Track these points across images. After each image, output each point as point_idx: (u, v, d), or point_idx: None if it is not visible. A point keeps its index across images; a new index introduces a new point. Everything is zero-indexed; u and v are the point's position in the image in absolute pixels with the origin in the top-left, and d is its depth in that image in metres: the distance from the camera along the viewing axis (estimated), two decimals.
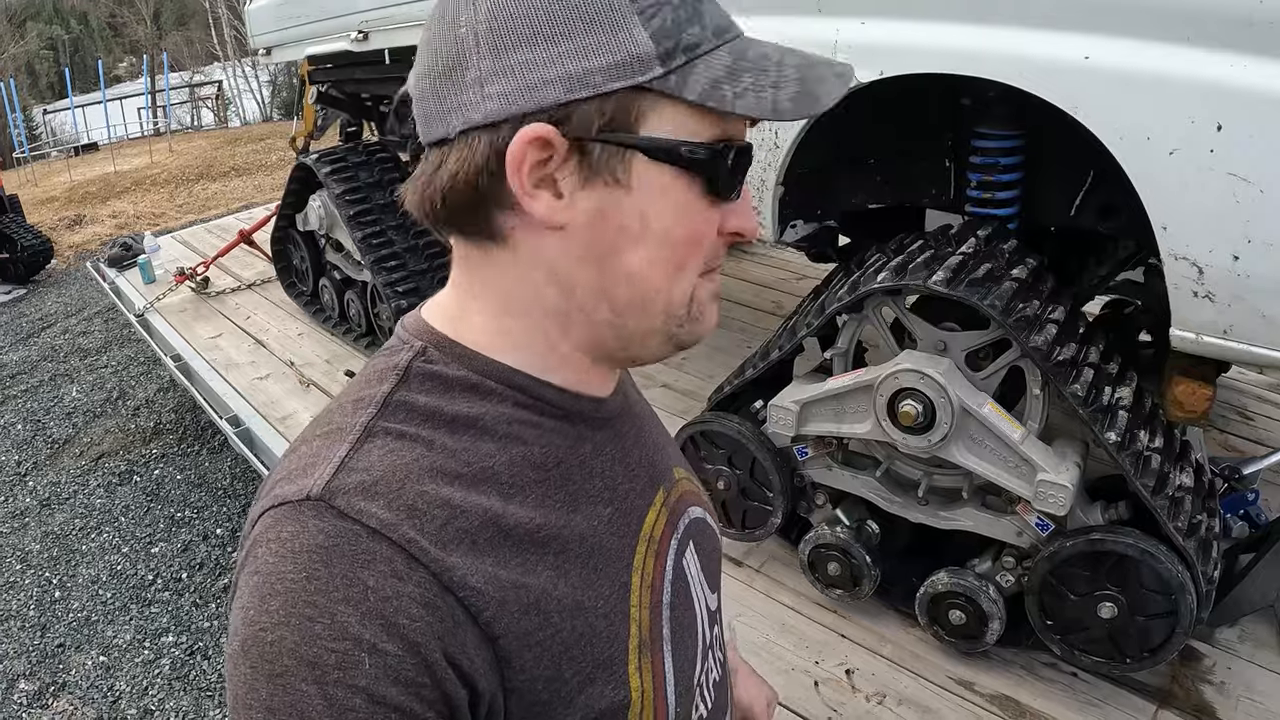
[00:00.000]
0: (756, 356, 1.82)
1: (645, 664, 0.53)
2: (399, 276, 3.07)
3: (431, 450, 0.48)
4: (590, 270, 0.50)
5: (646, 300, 0.51)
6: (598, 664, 0.50)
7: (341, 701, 0.41)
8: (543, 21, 0.46)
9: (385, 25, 2.95)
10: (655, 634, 0.55)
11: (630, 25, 0.46)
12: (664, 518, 0.61)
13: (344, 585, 0.42)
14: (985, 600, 1.54)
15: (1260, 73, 1.13)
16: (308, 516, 0.44)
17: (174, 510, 3.87)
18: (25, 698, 2.91)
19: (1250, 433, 2.46)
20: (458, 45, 0.47)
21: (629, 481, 0.59)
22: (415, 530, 0.45)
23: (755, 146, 1.69)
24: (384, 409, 0.50)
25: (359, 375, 0.55)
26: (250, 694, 0.42)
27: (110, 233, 8.62)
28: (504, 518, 0.48)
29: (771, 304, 3.46)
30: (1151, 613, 1.40)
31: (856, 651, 1.71)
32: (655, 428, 0.69)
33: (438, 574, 0.44)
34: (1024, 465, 1.43)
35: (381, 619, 0.42)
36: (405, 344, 0.54)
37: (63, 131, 18.38)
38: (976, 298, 1.38)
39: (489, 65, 0.47)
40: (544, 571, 0.49)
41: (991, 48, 1.33)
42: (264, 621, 0.43)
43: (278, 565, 0.43)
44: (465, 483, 0.48)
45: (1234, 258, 1.20)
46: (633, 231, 0.49)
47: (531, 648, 0.47)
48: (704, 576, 0.65)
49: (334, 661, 0.41)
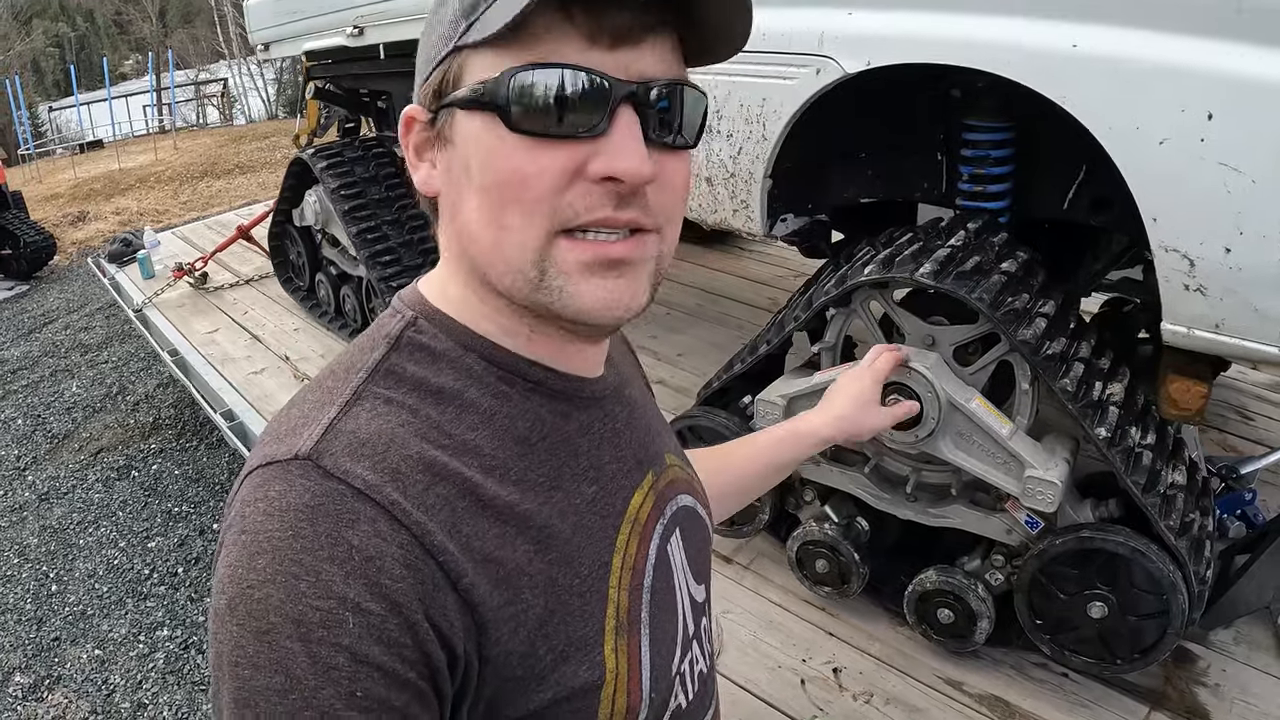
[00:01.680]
0: (745, 351, 1.80)
1: (621, 645, 0.53)
2: (394, 271, 3.06)
3: (416, 418, 0.49)
4: (454, 231, 0.53)
5: (482, 253, 0.50)
6: (572, 642, 0.50)
7: (326, 660, 0.41)
8: (430, 23, 0.53)
9: (380, 20, 2.94)
10: (634, 616, 0.55)
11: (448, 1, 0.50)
12: (651, 501, 0.61)
13: (329, 544, 0.43)
14: (974, 599, 1.52)
15: (1252, 60, 1.10)
16: (295, 475, 0.45)
17: (171, 505, 3.88)
18: (20, 690, 2.92)
19: (1249, 432, 2.43)
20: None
21: (616, 462, 0.58)
22: (398, 493, 0.45)
23: (744, 139, 1.68)
24: (374, 375, 0.51)
25: (353, 343, 0.56)
26: (236, 650, 0.43)
27: (113, 229, 8.65)
28: (483, 490, 0.48)
29: (768, 301, 3.44)
30: (1143, 613, 1.37)
31: (844, 650, 1.69)
32: (651, 413, 0.69)
33: (419, 536, 0.44)
34: (1012, 461, 1.41)
35: (365, 578, 0.43)
36: (398, 313, 0.55)
37: (68, 129, 18.48)
38: (964, 290, 1.36)
39: (420, 63, 0.53)
40: (521, 546, 0.49)
41: (978, 36, 1.31)
42: (251, 579, 0.43)
43: (265, 523, 0.44)
44: (447, 453, 0.48)
45: (1226, 250, 1.18)
46: (462, 185, 0.50)
47: (506, 621, 0.47)
48: (689, 566, 0.64)
49: (319, 619, 0.42)
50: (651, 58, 0.48)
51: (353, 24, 3.08)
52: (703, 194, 1.81)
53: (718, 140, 1.73)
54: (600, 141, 0.47)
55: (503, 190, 0.48)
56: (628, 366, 0.70)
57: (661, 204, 0.50)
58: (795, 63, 1.55)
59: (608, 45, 0.47)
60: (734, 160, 1.72)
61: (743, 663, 1.67)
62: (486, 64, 0.48)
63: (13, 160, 14.16)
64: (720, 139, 1.72)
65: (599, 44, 0.46)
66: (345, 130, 4.08)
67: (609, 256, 0.49)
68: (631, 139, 0.47)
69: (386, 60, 3.08)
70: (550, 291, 0.49)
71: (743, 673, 1.64)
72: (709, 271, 3.76)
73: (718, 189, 1.78)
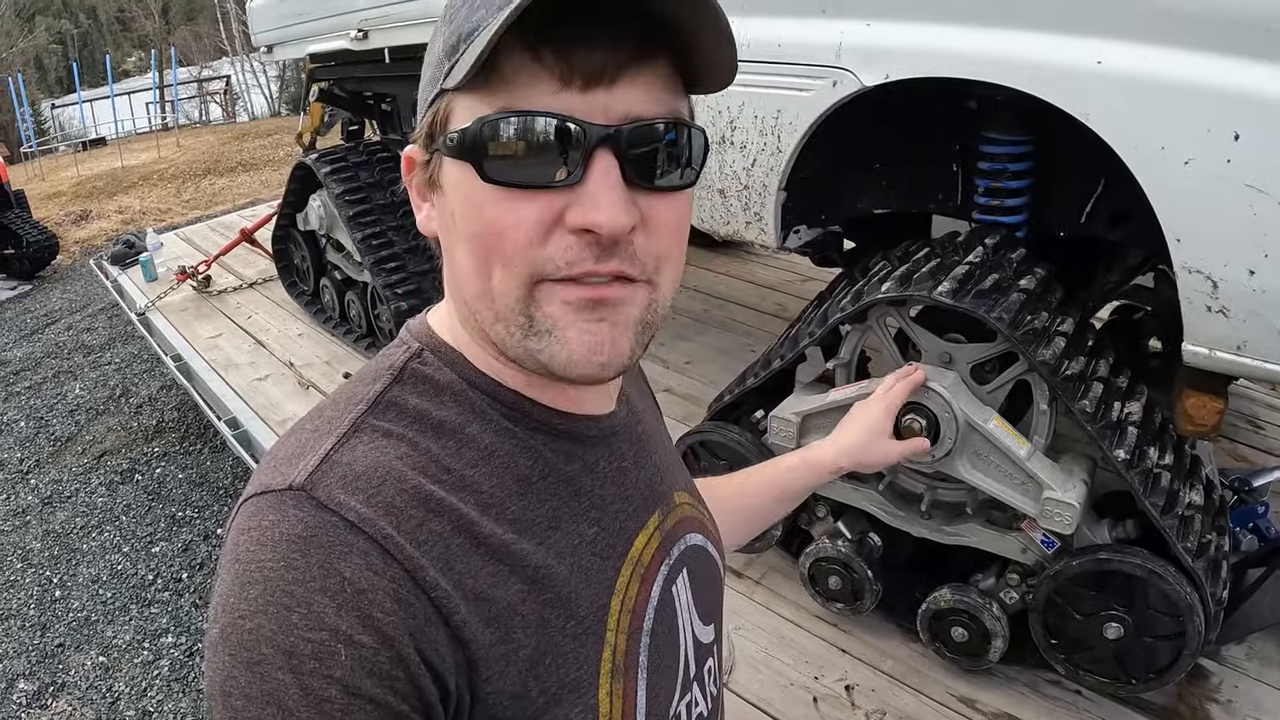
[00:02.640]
0: (758, 365, 1.78)
1: (617, 689, 0.52)
2: (399, 278, 3.04)
3: (415, 451, 0.48)
4: (452, 273, 0.52)
5: (473, 299, 0.50)
6: (565, 684, 0.49)
7: (318, 692, 0.41)
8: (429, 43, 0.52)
9: (384, 24, 2.93)
10: (631, 660, 0.54)
11: (439, 34, 0.49)
12: (656, 541, 0.60)
13: (321, 575, 0.42)
14: (988, 618, 1.51)
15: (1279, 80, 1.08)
16: (288, 506, 0.45)
17: (175, 509, 3.87)
18: (25, 698, 2.91)
19: (1260, 442, 2.41)
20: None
21: (620, 502, 0.57)
22: (391, 527, 0.45)
23: (758, 150, 1.66)
24: (374, 407, 0.50)
25: (357, 373, 0.55)
26: (228, 681, 0.42)
27: (116, 228, 8.64)
28: (478, 527, 0.48)
29: (775, 306, 3.42)
30: (1158, 634, 1.36)
31: (857, 667, 1.68)
32: (662, 449, 0.67)
33: (411, 571, 0.44)
34: (1030, 482, 1.39)
35: (357, 610, 0.42)
36: (404, 345, 0.55)
37: (70, 126, 18.44)
38: (983, 310, 1.34)
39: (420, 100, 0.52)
40: (514, 585, 0.48)
41: (1000, 51, 1.29)
42: (243, 609, 0.43)
43: (257, 553, 0.44)
44: (444, 488, 0.48)
45: (1250, 272, 1.16)
46: (452, 230, 0.50)
47: (497, 660, 0.46)
48: (695, 606, 0.63)
49: (310, 651, 0.41)
50: (634, 95, 0.46)
51: (357, 27, 3.06)
52: (715, 206, 1.80)
53: (731, 151, 1.71)
54: (576, 190, 0.45)
55: (482, 241, 0.47)
56: (641, 400, 0.69)
57: (651, 249, 0.48)
58: (812, 74, 1.53)
59: (580, 87, 0.45)
60: (748, 172, 1.70)
61: (754, 680, 1.65)
62: (464, 110, 0.47)
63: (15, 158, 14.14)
64: (734, 150, 1.70)
65: (571, 85, 0.44)
66: (349, 133, 4.06)
67: (593, 297, 0.47)
68: (608, 188, 0.45)
69: (391, 64, 3.06)
70: (539, 336, 0.48)
71: (754, 690, 1.63)
72: (715, 276, 3.75)
73: (730, 201, 1.76)
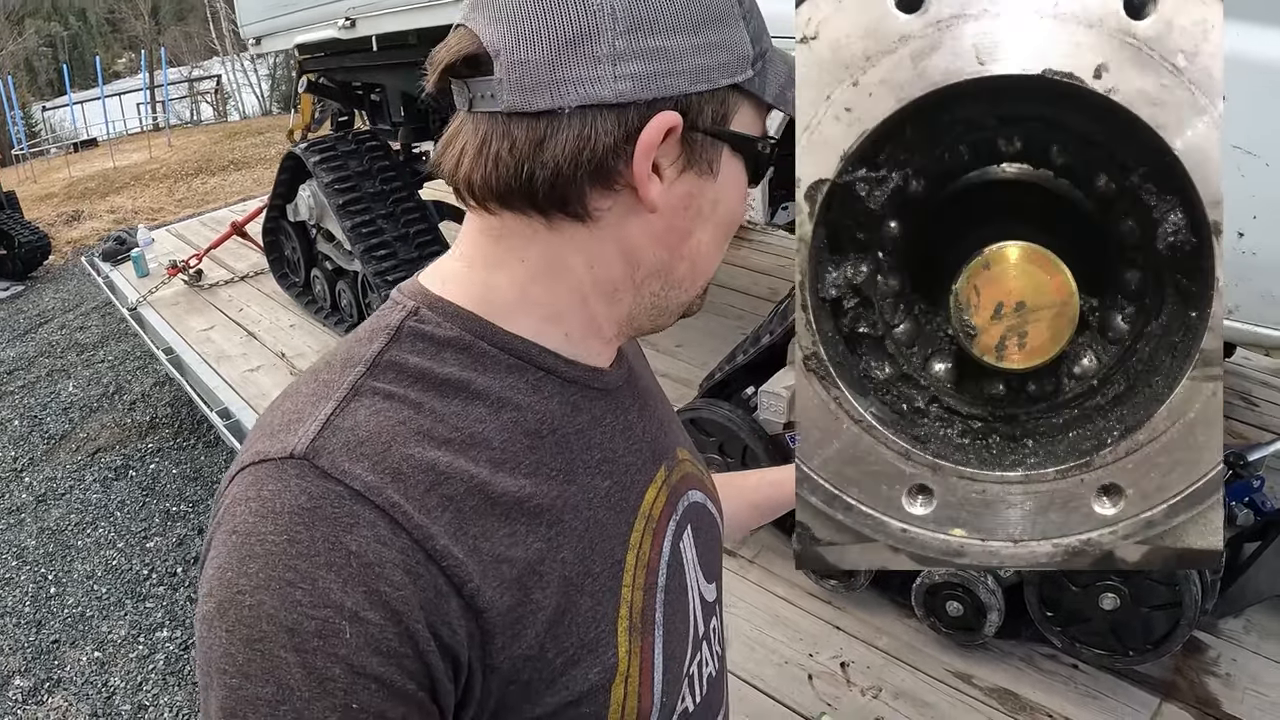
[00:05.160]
0: (747, 342, 1.78)
1: (635, 646, 0.51)
2: (389, 265, 3.03)
3: (419, 413, 0.47)
4: (661, 249, 0.52)
5: (697, 275, 0.55)
6: (583, 644, 0.49)
7: (321, 671, 0.40)
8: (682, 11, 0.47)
9: (371, 12, 2.90)
10: (648, 617, 0.53)
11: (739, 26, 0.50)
12: (664, 496, 0.59)
13: (326, 549, 0.41)
14: (983, 591, 1.50)
15: (1268, 41, 1.07)
16: (290, 475, 0.43)
17: (169, 504, 3.86)
18: (20, 694, 2.90)
19: (1255, 418, 2.41)
20: (591, 17, 0.45)
21: (630, 455, 0.57)
22: (399, 494, 0.43)
23: None
24: (373, 368, 0.48)
25: (350, 335, 0.53)
26: (225, 658, 0.41)
27: (108, 228, 8.60)
28: (492, 486, 0.46)
29: (768, 290, 3.42)
30: (1155, 604, 1.36)
31: (852, 644, 1.68)
32: (661, 405, 0.67)
33: (420, 541, 0.43)
34: None
35: (364, 586, 0.41)
36: (398, 304, 0.53)
37: (62, 128, 18.37)
38: None
39: (625, 44, 0.46)
40: (533, 544, 0.47)
41: None
42: (242, 584, 0.41)
43: (258, 525, 0.42)
44: (453, 448, 0.46)
45: (1238, 235, 1.15)
46: (705, 215, 0.52)
47: (512, 625, 0.45)
48: (700, 564, 0.62)
49: (314, 629, 0.40)
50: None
51: (344, 16, 3.04)
52: None
53: None
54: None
55: (733, 228, 0.55)
56: (636, 360, 0.68)
57: None
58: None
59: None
60: None
61: (749, 658, 1.65)
62: (751, 116, 0.52)
63: (7, 160, 14.10)
64: None
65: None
66: (339, 124, 4.04)
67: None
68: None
69: (379, 52, 3.04)
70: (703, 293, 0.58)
71: (749, 669, 1.62)
72: None
73: None
